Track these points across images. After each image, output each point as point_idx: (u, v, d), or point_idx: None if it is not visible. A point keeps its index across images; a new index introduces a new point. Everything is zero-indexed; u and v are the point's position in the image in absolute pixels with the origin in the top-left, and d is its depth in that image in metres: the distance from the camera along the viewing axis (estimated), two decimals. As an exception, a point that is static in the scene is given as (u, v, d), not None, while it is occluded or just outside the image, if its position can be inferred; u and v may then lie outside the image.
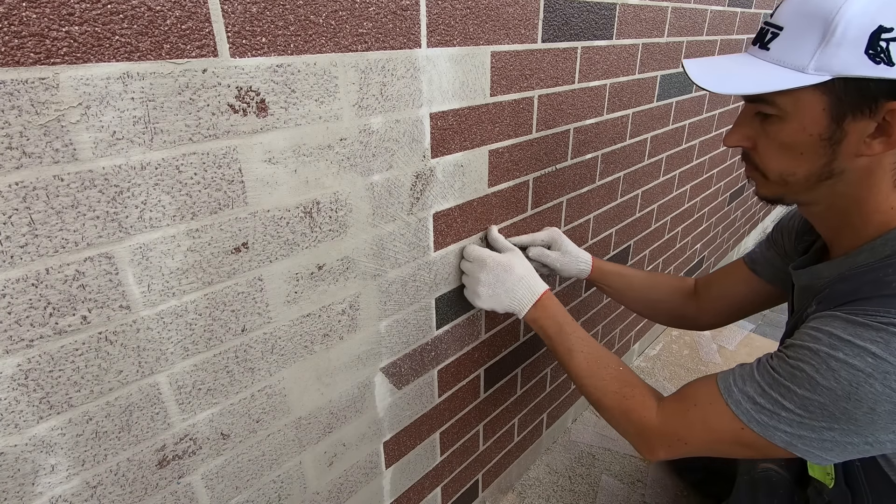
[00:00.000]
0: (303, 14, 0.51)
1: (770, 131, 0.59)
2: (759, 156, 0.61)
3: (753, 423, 0.58)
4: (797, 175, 0.59)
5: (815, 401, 0.53)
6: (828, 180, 0.58)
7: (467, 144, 0.76)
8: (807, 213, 0.69)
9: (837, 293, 0.60)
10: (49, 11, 0.37)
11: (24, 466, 0.45)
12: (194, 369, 0.54)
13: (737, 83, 0.57)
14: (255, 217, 0.54)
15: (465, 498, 1.14)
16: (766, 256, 0.89)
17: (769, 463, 0.97)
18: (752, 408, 0.58)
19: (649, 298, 1.01)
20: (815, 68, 0.52)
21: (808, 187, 0.60)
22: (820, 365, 0.53)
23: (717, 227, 2.07)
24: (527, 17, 0.77)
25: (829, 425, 0.53)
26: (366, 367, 0.74)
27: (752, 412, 0.58)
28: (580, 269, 0.97)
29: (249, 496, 0.65)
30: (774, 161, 0.60)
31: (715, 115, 1.61)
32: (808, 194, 0.61)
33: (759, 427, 0.58)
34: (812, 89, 0.53)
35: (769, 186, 0.63)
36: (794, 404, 0.55)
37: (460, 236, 0.82)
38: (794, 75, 0.53)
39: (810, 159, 0.57)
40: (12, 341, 0.41)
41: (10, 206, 0.39)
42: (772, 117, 0.58)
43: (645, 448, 0.70)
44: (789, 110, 0.55)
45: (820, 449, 0.55)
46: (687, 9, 1.20)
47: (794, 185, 0.60)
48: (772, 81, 0.54)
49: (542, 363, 1.23)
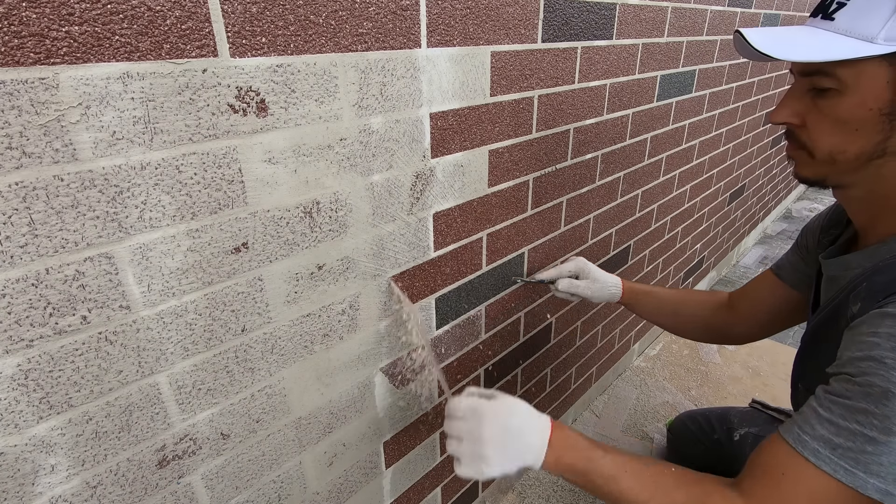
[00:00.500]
0: (303, 14, 0.51)
1: (825, 106, 0.56)
2: (807, 133, 0.58)
3: (841, 472, 0.50)
4: (848, 153, 0.56)
5: None
6: (878, 160, 0.56)
7: (467, 144, 0.76)
8: (844, 198, 0.65)
9: (877, 286, 0.56)
10: (49, 11, 0.37)
11: (24, 466, 0.45)
12: (194, 369, 0.54)
13: (801, 51, 0.54)
14: (255, 217, 0.54)
15: (465, 498, 1.14)
16: (791, 261, 0.88)
17: None
18: (833, 454, 0.50)
19: (681, 314, 1.00)
20: (886, 38, 0.50)
21: (856, 167, 0.57)
22: (889, 373, 0.48)
23: (717, 227, 2.07)
24: (527, 17, 0.77)
25: None
26: (366, 367, 0.74)
27: (834, 459, 0.50)
28: (611, 293, 0.98)
29: (249, 496, 0.65)
30: (826, 137, 0.57)
31: (715, 116, 1.61)
32: (852, 175, 0.58)
33: (849, 477, 0.49)
34: (878, 61, 0.51)
35: (814, 166, 0.60)
36: (877, 430, 0.48)
37: (460, 236, 0.82)
38: (862, 45, 0.51)
39: (866, 135, 0.54)
40: (12, 341, 0.41)
41: (10, 206, 0.39)
42: (828, 91, 0.55)
43: None
44: (850, 83, 0.53)
45: None
46: (687, 9, 1.20)
47: (841, 164, 0.57)
48: (839, 50, 0.51)
49: (542, 363, 1.23)
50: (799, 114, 0.59)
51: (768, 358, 1.76)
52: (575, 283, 0.97)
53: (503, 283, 0.97)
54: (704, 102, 1.50)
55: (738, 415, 1.15)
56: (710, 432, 1.20)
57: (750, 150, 2.09)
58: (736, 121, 1.81)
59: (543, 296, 1.12)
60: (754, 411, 1.14)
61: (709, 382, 1.65)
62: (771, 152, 2.40)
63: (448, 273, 0.82)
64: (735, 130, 1.84)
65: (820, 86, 0.56)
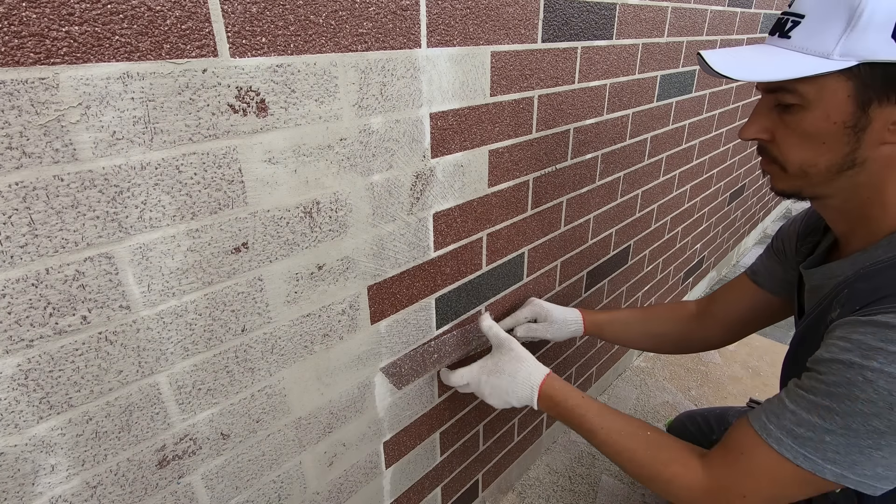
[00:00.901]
0: (303, 14, 0.51)
1: (790, 121, 0.57)
2: (777, 148, 0.60)
3: (800, 458, 0.54)
4: (818, 166, 0.57)
5: (858, 417, 0.51)
6: (849, 170, 0.57)
7: (467, 144, 0.76)
8: (822, 208, 0.66)
9: (859, 293, 0.57)
10: (49, 11, 0.37)
11: (24, 466, 0.45)
12: (194, 369, 0.54)
13: (761, 70, 0.56)
14: (255, 217, 0.54)
15: (465, 498, 1.14)
16: (767, 266, 0.88)
17: None
18: (795, 443, 0.55)
19: (651, 333, 0.99)
20: (841, 54, 0.51)
21: (829, 179, 0.58)
22: (855, 377, 0.51)
23: (717, 227, 2.07)
24: (527, 17, 0.77)
25: (875, 443, 0.51)
26: (366, 367, 0.74)
27: (796, 447, 0.55)
28: (571, 330, 0.98)
29: (249, 496, 0.65)
30: (795, 152, 0.58)
31: (715, 116, 1.61)
32: (827, 186, 0.59)
33: (808, 462, 0.54)
34: (837, 76, 0.52)
35: (787, 180, 0.61)
36: (836, 425, 0.52)
37: (460, 236, 0.82)
38: (818, 62, 0.52)
39: (833, 148, 0.56)
40: (12, 341, 0.41)
41: (10, 206, 0.39)
42: (793, 107, 0.56)
43: None
44: (812, 98, 0.54)
45: (873, 477, 0.52)
46: (687, 9, 1.20)
47: (814, 177, 0.59)
48: (796, 68, 0.53)
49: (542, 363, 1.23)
50: (767, 129, 0.60)
51: (768, 358, 1.76)
52: (533, 328, 0.96)
53: (503, 283, 0.97)
54: (704, 102, 1.50)
55: (737, 415, 1.15)
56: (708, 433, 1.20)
57: (750, 150, 2.09)
58: (736, 121, 1.81)
59: (543, 295, 1.12)
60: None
61: (709, 382, 1.65)
62: (771, 152, 2.40)
63: (448, 273, 0.82)
64: (735, 130, 1.84)
65: (784, 102, 0.57)
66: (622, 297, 1.51)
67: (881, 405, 0.49)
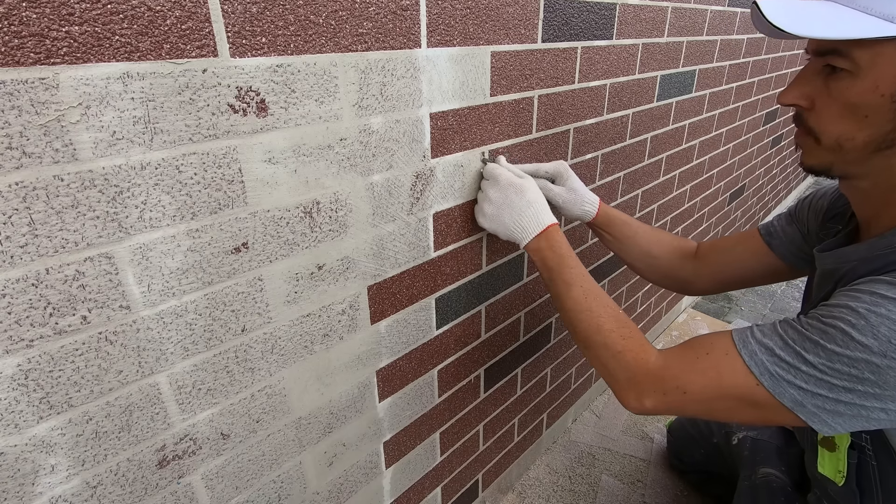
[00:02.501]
0: (303, 14, 0.51)
1: (835, 88, 0.54)
2: (816, 117, 0.57)
3: (766, 375, 0.54)
4: (855, 140, 0.54)
5: (845, 357, 0.50)
6: (887, 150, 0.54)
7: (467, 144, 0.76)
8: (849, 189, 0.64)
9: (860, 271, 0.57)
10: (49, 11, 0.37)
11: (24, 466, 0.45)
12: (194, 369, 0.54)
13: (817, 27, 0.51)
14: (255, 217, 0.54)
15: (465, 498, 1.14)
16: (787, 231, 0.85)
17: (770, 468, 0.97)
18: (769, 360, 0.54)
19: (649, 254, 0.95)
20: None
21: (863, 157, 0.55)
22: (858, 320, 0.50)
23: (717, 227, 2.07)
24: (527, 17, 0.77)
25: (850, 386, 0.50)
26: (366, 367, 0.74)
27: (766, 364, 0.54)
28: (584, 210, 0.90)
29: (249, 496, 0.65)
30: (833, 123, 0.55)
31: (715, 116, 1.61)
32: (859, 165, 0.57)
33: (772, 381, 0.53)
34: None
35: (820, 154, 0.58)
36: (818, 358, 0.51)
37: (461, 237, 0.82)
38: (881, 24, 0.48)
39: (875, 123, 0.52)
40: (12, 341, 0.41)
41: (10, 206, 0.39)
42: (840, 73, 0.53)
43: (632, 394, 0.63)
44: (864, 65, 0.51)
45: (830, 413, 0.52)
46: (687, 9, 1.20)
47: (848, 153, 0.55)
48: (856, 28, 0.49)
49: (542, 363, 1.23)
50: (808, 96, 0.57)
51: (768, 358, 1.76)
52: (549, 186, 0.88)
53: (503, 282, 0.97)
54: (704, 102, 1.50)
55: None
56: (708, 436, 1.19)
57: (750, 150, 2.09)
58: (736, 121, 1.81)
59: (544, 295, 1.12)
60: None
61: (709, 382, 1.65)
62: (771, 152, 2.40)
63: (448, 273, 0.82)
64: (735, 130, 1.84)
65: (834, 64, 0.54)
66: (622, 296, 1.51)
67: (875, 350, 0.49)
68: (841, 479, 0.71)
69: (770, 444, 1.03)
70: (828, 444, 0.72)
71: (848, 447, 0.68)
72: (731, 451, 1.10)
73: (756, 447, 1.04)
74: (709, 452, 1.19)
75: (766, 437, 1.05)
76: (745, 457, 1.04)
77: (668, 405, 0.61)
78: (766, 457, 1.00)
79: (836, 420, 0.53)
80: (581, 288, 0.71)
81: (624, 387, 0.64)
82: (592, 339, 0.68)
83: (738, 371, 0.56)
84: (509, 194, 0.74)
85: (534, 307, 1.10)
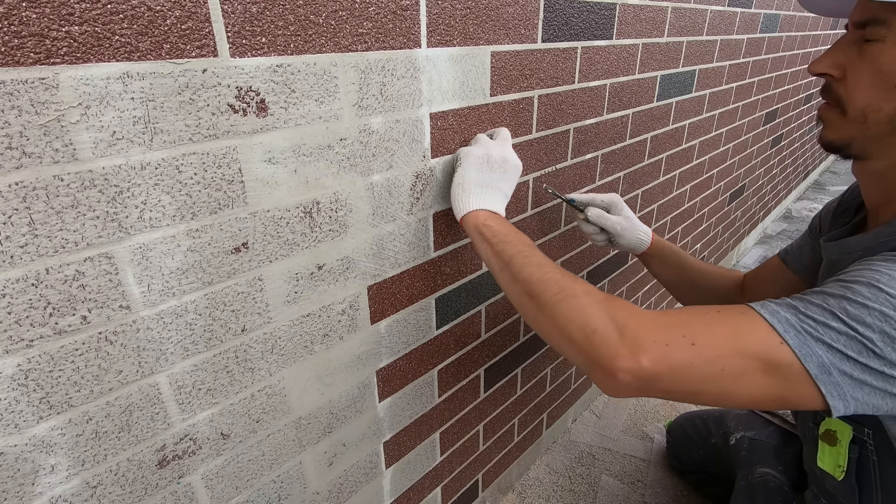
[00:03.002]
0: (303, 14, 0.51)
1: (869, 54, 0.54)
2: (844, 86, 0.57)
3: (791, 332, 0.47)
4: (881, 113, 0.54)
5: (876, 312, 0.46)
6: None
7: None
8: (862, 173, 0.64)
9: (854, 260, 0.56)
10: (49, 11, 0.37)
11: (24, 466, 0.45)
12: (194, 369, 0.54)
13: None
14: (255, 217, 0.54)
15: (465, 498, 1.14)
16: (799, 245, 0.86)
17: (767, 468, 0.97)
18: (794, 317, 0.48)
19: (700, 286, 0.97)
20: None
21: (884, 134, 0.55)
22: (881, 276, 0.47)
23: (717, 227, 2.07)
24: (527, 17, 0.77)
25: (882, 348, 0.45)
26: (366, 367, 0.74)
27: (791, 320, 0.48)
28: (639, 238, 0.93)
29: (249, 496, 0.65)
30: (862, 90, 0.55)
31: (715, 116, 1.61)
32: (879, 143, 0.57)
33: (798, 339, 0.46)
34: None
35: (843, 126, 0.58)
36: (848, 312, 0.46)
37: (461, 236, 0.82)
38: None
39: None
40: (12, 341, 0.41)
41: (10, 206, 0.39)
42: (875, 42, 0.53)
43: (625, 350, 0.48)
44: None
45: (855, 384, 0.47)
46: (687, 9, 1.20)
47: (871, 126, 0.55)
48: None
49: (542, 363, 1.23)
50: (839, 65, 0.57)
51: (768, 358, 1.76)
52: (605, 216, 0.90)
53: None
54: (704, 102, 1.50)
55: (735, 418, 1.15)
56: (707, 436, 1.20)
57: (750, 150, 2.09)
58: (736, 121, 1.81)
59: (543, 296, 1.12)
60: (751, 415, 1.14)
61: (709, 382, 1.65)
62: (771, 152, 2.40)
63: (448, 273, 0.82)
64: (735, 130, 1.84)
65: (872, 37, 0.54)
66: (623, 296, 1.51)
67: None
68: (840, 473, 0.70)
69: (767, 444, 1.03)
70: (829, 438, 0.72)
71: (849, 441, 0.68)
72: (729, 451, 1.10)
73: (753, 447, 1.04)
74: (707, 453, 1.20)
75: (764, 437, 1.05)
76: (742, 457, 1.04)
77: (671, 362, 0.47)
78: (763, 457, 1.01)
79: (857, 392, 0.47)
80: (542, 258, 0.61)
81: (612, 344, 0.49)
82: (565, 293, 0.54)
83: (758, 327, 0.48)
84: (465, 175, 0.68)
85: (534, 307, 1.10)
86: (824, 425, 0.72)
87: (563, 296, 0.54)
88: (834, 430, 0.70)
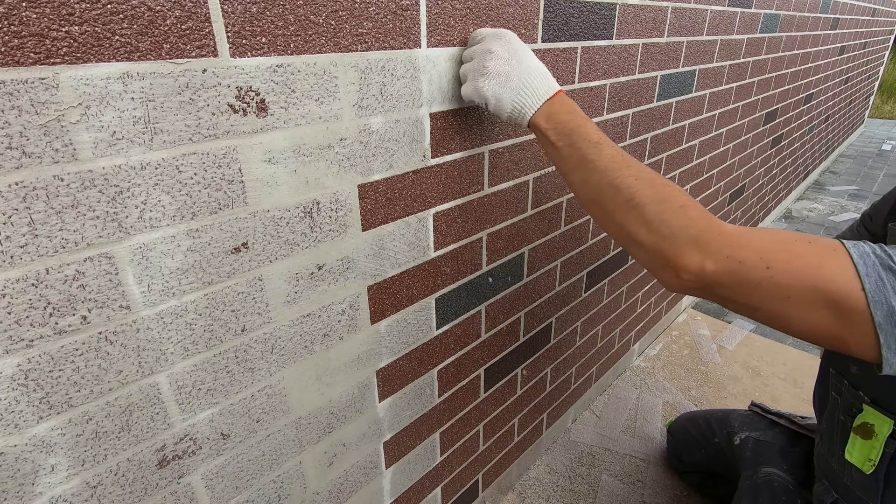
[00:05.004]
0: (303, 14, 0.51)
1: None
2: None
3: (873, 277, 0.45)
4: None
5: None
6: None
7: (467, 144, 0.76)
8: None
9: None
10: (49, 11, 0.37)
11: (24, 466, 0.45)
12: (194, 369, 0.54)
13: None
14: (255, 217, 0.54)
15: (465, 498, 1.14)
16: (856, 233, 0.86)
17: (772, 468, 0.97)
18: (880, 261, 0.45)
19: None
20: None
21: None
22: None
23: (717, 227, 2.06)
24: (527, 17, 0.77)
25: None
26: (366, 367, 0.74)
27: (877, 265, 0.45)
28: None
29: (249, 496, 0.65)
30: None
31: (715, 116, 1.61)
32: None
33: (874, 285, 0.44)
34: None
35: None
36: None
37: (460, 236, 0.82)
38: None
39: None
40: (12, 341, 0.41)
41: (10, 206, 0.39)
42: None
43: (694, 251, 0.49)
44: None
45: None
46: (687, 9, 1.20)
47: None
48: None
49: (542, 363, 1.23)
50: None
51: (768, 358, 1.76)
52: None
53: (503, 283, 0.97)
54: (704, 102, 1.50)
55: (739, 418, 1.15)
56: (710, 436, 1.19)
57: (750, 150, 2.09)
58: (736, 121, 1.81)
59: (544, 295, 1.12)
60: (755, 415, 1.14)
61: (709, 382, 1.65)
62: (771, 152, 2.40)
63: (448, 273, 0.82)
64: (735, 130, 1.84)
65: None
66: (622, 296, 1.51)
67: None
68: (870, 467, 0.69)
69: (773, 444, 1.03)
70: (864, 431, 0.70)
71: (888, 436, 0.67)
72: (734, 451, 1.10)
73: (758, 448, 1.04)
74: (709, 453, 1.19)
75: (770, 437, 1.05)
76: (747, 457, 1.04)
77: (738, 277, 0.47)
78: (768, 457, 1.01)
79: None
80: (613, 147, 0.59)
81: (682, 244, 0.49)
82: (643, 196, 0.53)
83: (844, 271, 0.46)
84: (518, 48, 0.62)
85: (534, 307, 1.10)
86: (860, 418, 0.71)
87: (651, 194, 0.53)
88: (871, 423, 0.69)
